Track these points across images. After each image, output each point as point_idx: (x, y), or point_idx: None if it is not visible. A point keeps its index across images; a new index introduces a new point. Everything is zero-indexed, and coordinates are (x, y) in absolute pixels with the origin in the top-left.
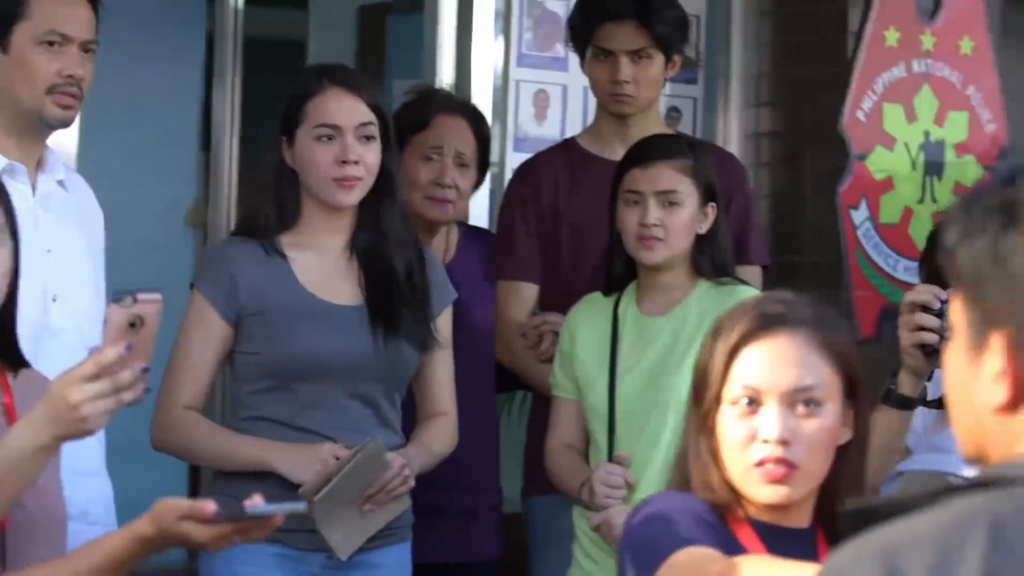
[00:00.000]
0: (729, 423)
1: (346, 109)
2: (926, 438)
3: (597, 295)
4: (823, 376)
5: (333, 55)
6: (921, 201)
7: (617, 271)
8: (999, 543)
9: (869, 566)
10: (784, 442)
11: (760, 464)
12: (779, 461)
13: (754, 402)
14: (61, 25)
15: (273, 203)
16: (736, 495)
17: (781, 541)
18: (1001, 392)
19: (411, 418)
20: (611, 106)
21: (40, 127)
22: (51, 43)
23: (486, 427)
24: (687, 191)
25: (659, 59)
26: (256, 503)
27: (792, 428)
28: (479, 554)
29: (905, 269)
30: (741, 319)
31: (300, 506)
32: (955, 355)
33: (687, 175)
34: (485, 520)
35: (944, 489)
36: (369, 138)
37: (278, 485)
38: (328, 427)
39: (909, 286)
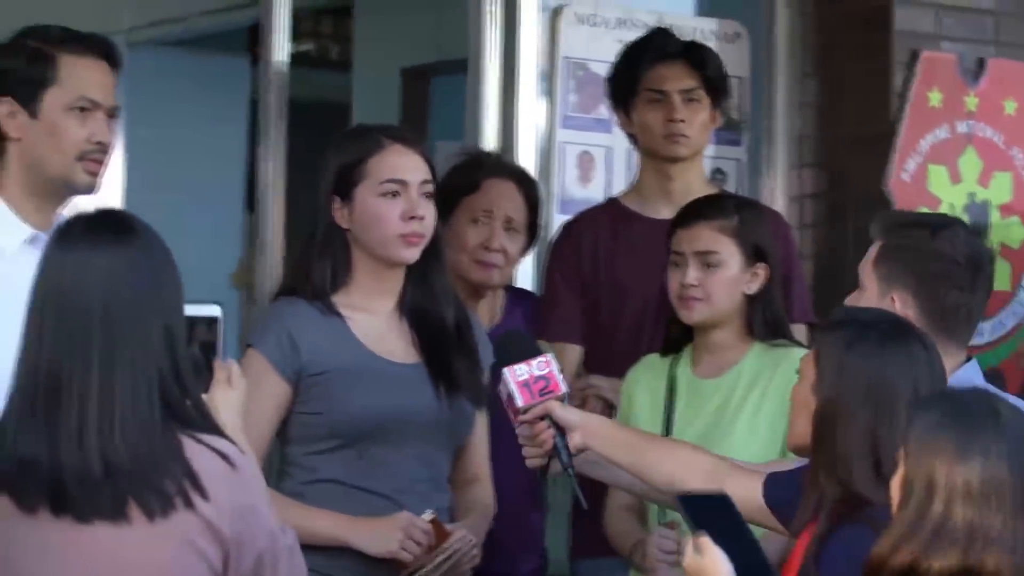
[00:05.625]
0: None
1: (411, 165)
2: None
3: (655, 356)
4: None
5: (377, 116)
6: None
7: (674, 332)
8: None
9: None
10: None
11: None
12: None
13: None
14: (91, 92)
15: (326, 264)
16: None
17: None
18: None
19: None
20: (666, 149)
21: (64, 193)
22: (81, 109)
23: (529, 489)
24: (728, 252)
25: (707, 104)
26: None
27: None
28: None
29: None
30: None
31: None
32: None
33: (728, 235)
34: None
35: None
36: (428, 195)
37: (355, 559)
38: (390, 489)
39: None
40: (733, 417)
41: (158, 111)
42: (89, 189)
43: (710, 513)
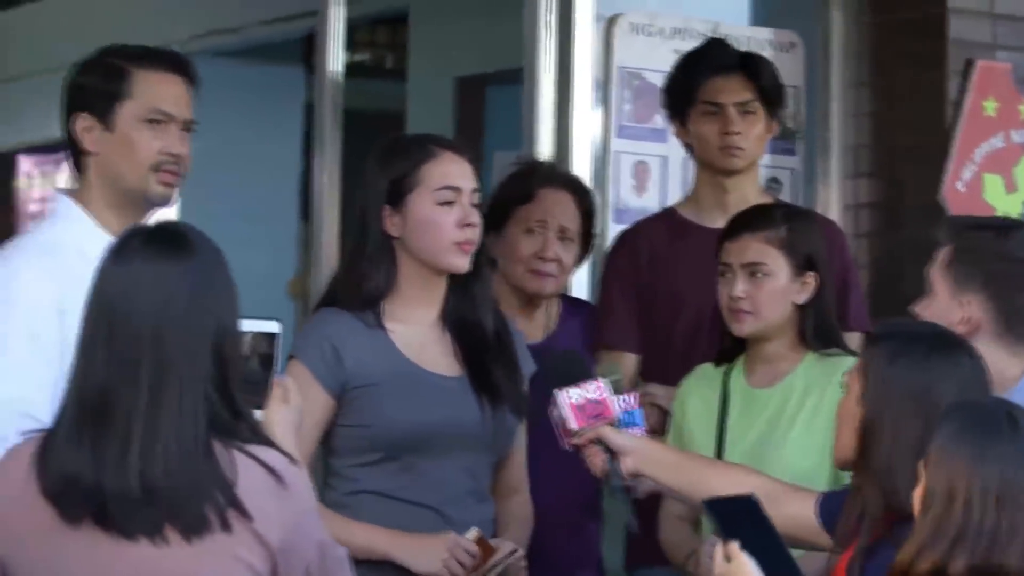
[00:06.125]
0: None
1: (463, 173)
2: None
3: (708, 366)
4: None
5: (432, 126)
6: None
7: (727, 343)
8: None
9: None
10: None
11: None
12: None
13: None
14: (164, 104)
15: (376, 274)
16: None
17: None
18: None
19: None
20: (721, 161)
21: (142, 204)
22: (154, 122)
23: (585, 500)
24: (776, 263)
25: (763, 116)
26: None
27: None
28: None
29: None
30: None
31: None
32: None
33: (775, 246)
34: None
35: None
36: (477, 204)
37: (397, 574)
38: (434, 500)
39: None
40: (787, 427)
41: (214, 121)
42: (165, 201)
43: (737, 517)
